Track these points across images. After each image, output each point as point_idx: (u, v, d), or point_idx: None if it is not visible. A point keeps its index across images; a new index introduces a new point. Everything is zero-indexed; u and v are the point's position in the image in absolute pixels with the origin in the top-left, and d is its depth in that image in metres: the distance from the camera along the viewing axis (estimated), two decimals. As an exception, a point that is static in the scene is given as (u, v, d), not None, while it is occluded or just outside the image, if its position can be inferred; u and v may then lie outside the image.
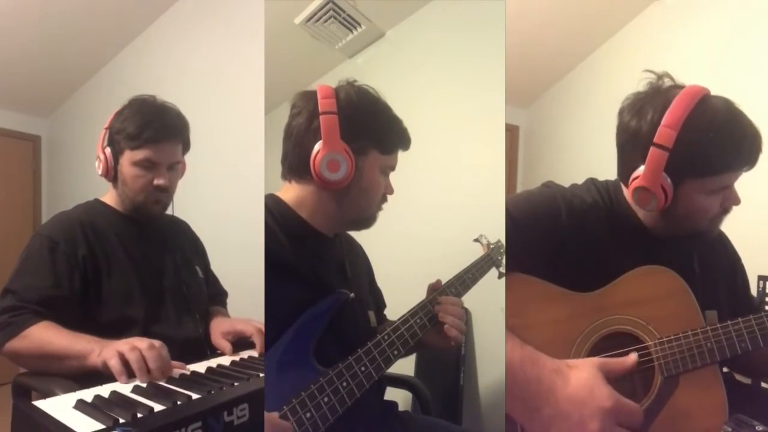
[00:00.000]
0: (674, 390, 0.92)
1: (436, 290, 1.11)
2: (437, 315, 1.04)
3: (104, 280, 1.17)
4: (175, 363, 0.99)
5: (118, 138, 1.23)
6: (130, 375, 0.93)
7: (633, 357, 0.88)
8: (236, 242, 2.08)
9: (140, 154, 1.22)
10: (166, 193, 1.28)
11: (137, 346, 0.95)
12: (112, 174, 1.26)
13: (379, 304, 1.28)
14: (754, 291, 1.41)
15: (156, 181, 1.24)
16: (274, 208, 1.00)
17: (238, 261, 1.84)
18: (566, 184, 1.13)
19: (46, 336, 1.03)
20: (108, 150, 1.24)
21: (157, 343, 0.97)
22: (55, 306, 1.09)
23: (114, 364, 0.92)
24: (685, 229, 1.02)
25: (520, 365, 0.83)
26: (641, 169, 0.96)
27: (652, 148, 0.93)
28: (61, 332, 1.04)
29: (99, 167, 1.27)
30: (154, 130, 1.22)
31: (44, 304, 1.09)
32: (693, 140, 0.91)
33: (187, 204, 1.41)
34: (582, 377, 0.79)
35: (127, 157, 1.23)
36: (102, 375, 0.95)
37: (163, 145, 1.24)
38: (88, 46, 3.00)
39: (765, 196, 1.63)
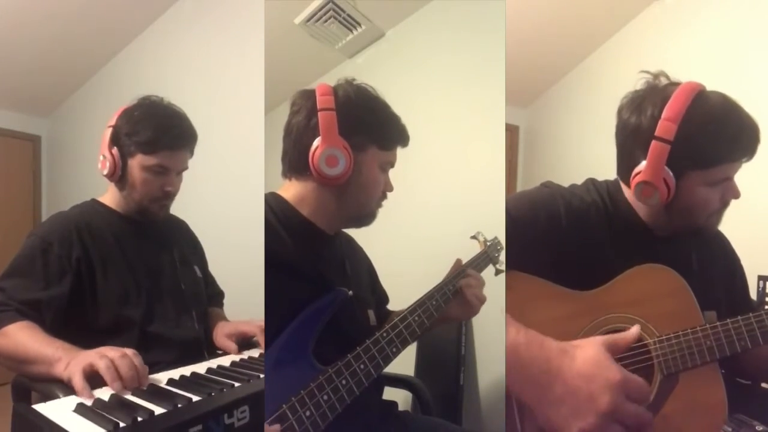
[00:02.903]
0: (674, 388, 0.92)
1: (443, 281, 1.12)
2: (460, 288, 1.11)
3: (100, 282, 1.17)
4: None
5: (129, 140, 1.21)
6: (100, 385, 0.87)
7: (635, 329, 0.86)
8: (236, 242, 2.08)
9: (154, 160, 1.21)
10: (171, 198, 1.29)
11: (108, 355, 0.90)
12: (118, 175, 1.24)
13: (381, 302, 1.28)
14: (753, 291, 1.40)
15: (166, 188, 1.24)
16: (275, 206, 1.01)
17: (238, 261, 1.84)
18: (566, 183, 1.13)
19: (20, 336, 1.01)
20: (115, 150, 1.22)
21: (129, 351, 0.92)
22: (42, 308, 1.09)
23: (77, 381, 0.86)
24: (685, 224, 1.02)
25: (526, 347, 0.82)
26: (643, 164, 0.97)
27: (653, 142, 0.94)
28: (36, 335, 1.01)
29: (105, 167, 1.24)
30: (172, 138, 1.22)
31: (31, 306, 1.08)
32: (693, 132, 0.92)
33: (187, 203, 1.41)
34: (589, 354, 0.78)
35: (139, 161, 1.21)
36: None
37: (177, 152, 1.24)
38: (88, 46, 3.00)
39: (765, 196, 1.63)
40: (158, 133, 1.20)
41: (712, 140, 0.93)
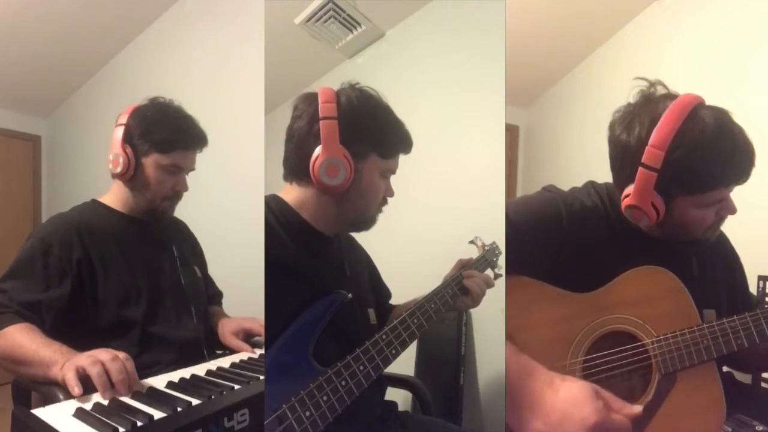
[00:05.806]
0: (672, 387, 0.92)
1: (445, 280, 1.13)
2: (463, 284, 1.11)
3: (100, 283, 1.17)
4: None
5: (143, 140, 1.22)
6: (91, 390, 0.86)
7: (637, 408, 0.81)
8: (236, 242, 2.08)
9: (169, 159, 1.23)
10: (179, 198, 1.31)
11: (99, 359, 0.88)
12: (131, 174, 1.24)
13: (383, 299, 1.29)
14: (753, 291, 1.40)
15: (178, 187, 1.27)
16: (276, 208, 1.01)
17: (238, 261, 1.84)
18: (566, 184, 1.13)
19: (18, 338, 1.00)
20: (129, 149, 1.22)
21: (121, 354, 0.91)
22: (42, 310, 1.08)
23: (69, 378, 0.87)
24: (682, 237, 1.02)
25: (516, 374, 0.83)
26: (631, 187, 0.95)
27: (640, 169, 0.92)
28: (34, 337, 1.00)
29: (117, 165, 1.22)
30: (187, 138, 1.25)
31: (31, 307, 1.08)
32: (681, 159, 0.90)
33: (187, 204, 1.41)
34: (572, 392, 0.79)
35: (154, 160, 1.23)
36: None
37: (190, 152, 1.28)
38: (88, 46, 3.00)
39: (765, 196, 1.63)
40: (174, 134, 1.24)
41: (702, 168, 0.90)
